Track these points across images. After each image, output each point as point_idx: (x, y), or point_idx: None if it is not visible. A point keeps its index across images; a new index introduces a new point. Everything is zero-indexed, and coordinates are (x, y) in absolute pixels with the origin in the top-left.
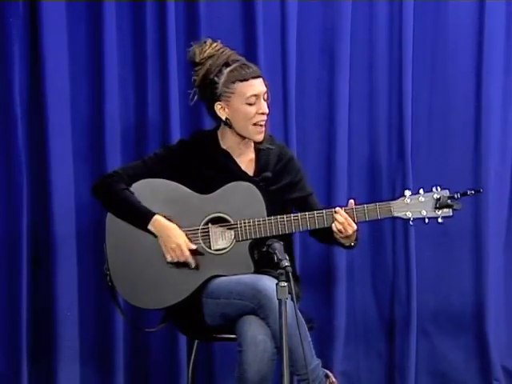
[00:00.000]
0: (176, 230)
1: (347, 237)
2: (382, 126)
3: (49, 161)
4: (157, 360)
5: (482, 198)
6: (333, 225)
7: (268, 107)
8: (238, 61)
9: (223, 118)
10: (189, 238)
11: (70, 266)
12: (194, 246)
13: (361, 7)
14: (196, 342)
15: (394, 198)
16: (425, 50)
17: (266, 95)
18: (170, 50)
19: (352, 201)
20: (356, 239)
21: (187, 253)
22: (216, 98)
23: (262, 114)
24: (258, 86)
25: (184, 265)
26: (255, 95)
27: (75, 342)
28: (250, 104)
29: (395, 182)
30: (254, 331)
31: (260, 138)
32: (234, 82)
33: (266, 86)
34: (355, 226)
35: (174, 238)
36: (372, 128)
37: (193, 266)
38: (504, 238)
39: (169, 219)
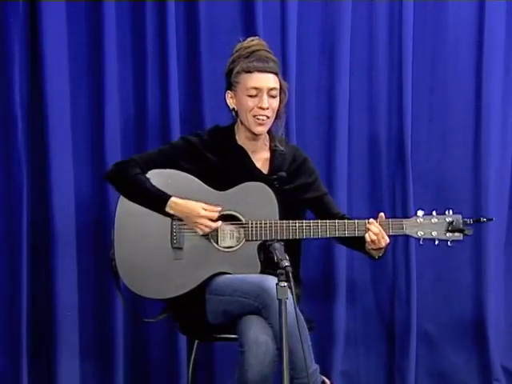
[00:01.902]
0: (192, 203)
1: (379, 248)
2: (382, 126)
3: (49, 161)
4: (157, 358)
5: (482, 198)
6: (366, 235)
7: (279, 104)
8: (259, 55)
9: (231, 108)
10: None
11: (70, 266)
12: (218, 208)
13: (361, 7)
14: (196, 342)
15: (406, 216)
16: (425, 49)
17: (273, 92)
18: (170, 50)
19: (382, 214)
20: (385, 251)
21: (214, 221)
22: (228, 86)
23: (261, 108)
24: (261, 79)
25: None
26: (256, 88)
27: (75, 341)
28: (251, 96)
29: (395, 182)
30: (256, 332)
31: (259, 130)
32: (240, 73)
33: (282, 85)
34: (388, 240)
35: (195, 211)
36: (372, 128)
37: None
38: (504, 239)
39: None
